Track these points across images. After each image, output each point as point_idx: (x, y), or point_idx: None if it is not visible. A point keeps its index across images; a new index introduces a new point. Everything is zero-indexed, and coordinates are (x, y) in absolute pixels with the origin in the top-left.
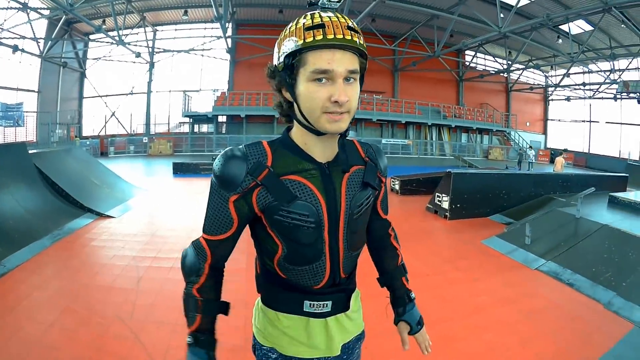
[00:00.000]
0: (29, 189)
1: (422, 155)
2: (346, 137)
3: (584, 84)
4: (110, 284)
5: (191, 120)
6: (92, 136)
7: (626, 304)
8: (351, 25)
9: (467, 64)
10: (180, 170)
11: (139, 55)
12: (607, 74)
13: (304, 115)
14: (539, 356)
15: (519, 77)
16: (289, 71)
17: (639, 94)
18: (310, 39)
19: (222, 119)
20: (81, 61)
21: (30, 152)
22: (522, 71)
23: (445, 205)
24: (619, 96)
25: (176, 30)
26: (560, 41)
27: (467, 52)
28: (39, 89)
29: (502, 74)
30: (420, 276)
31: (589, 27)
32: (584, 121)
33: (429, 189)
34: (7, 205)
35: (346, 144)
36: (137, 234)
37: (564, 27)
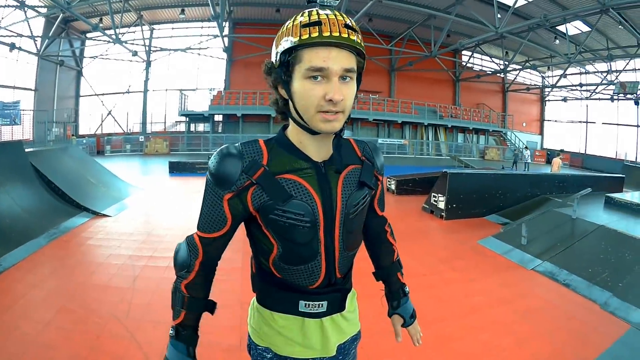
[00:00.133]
0: (26, 187)
1: (418, 155)
2: (341, 137)
3: (581, 85)
4: (106, 283)
5: (187, 119)
6: (89, 135)
7: (622, 305)
8: (349, 23)
9: (464, 64)
10: (176, 169)
11: (135, 53)
12: (604, 74)
13: (299, 113)
14: (535, 356)
15: (515, 78)
16: (285, 68)
17: (635, 95)
18: (306, 36)
19: (219, 118)
20: (78, 59)
21: (26, 150)
22: (518, 72)
23: (441, 205)
24: (615, 97)
25: (173, 29)
26: (557, 42)
27: (463, 52)
28: (35, 87)
29: (498, 75)
30: (416, 276)
31: (586, 28)
32: (580, 122)
33: (425, 189)
34: (4, 203)
35: (342, 143)
36: (133, 233)
37: (561, 28)
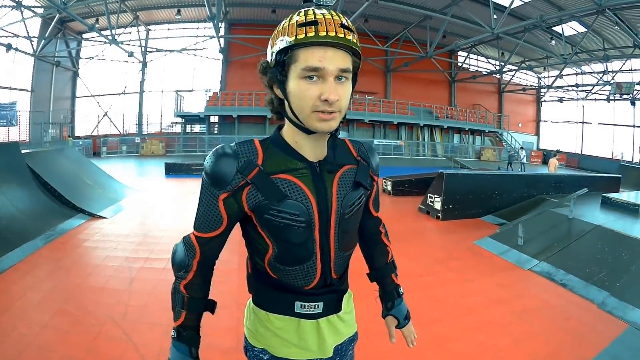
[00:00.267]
0: (22, 189)
1: (414, 156)
2: (337, 137)
3: (577, 85)
4: (103, 284)
5: (183, 120)
6: (85, 136)
7: (620, 304)
8: (345, 23)
9: (460, 64)
10: (172, 170)
11: (131, 54)
12: (600, 75)
13: (294, 112)
14: (532, 356)
15: (511, 78)
16: (281, 68)
17: (632, 95)
18: (302, 36)
19: (215, 119)
20: (74, 60)
21: (23, 151)
22: (514, 72)
23: (437, 206)
24: (612, 97)
25: (169, 29)
26: (553, 42)
27: (459, 53)
28: (32, 88)
29: (494, 75)
30: (412, 277)
31: (582, 29)
32: (576, 122)
33: (421, 190)
34: (0, 205)
35: (338, 143)
36: (129, 234)
37: (557, 29)
